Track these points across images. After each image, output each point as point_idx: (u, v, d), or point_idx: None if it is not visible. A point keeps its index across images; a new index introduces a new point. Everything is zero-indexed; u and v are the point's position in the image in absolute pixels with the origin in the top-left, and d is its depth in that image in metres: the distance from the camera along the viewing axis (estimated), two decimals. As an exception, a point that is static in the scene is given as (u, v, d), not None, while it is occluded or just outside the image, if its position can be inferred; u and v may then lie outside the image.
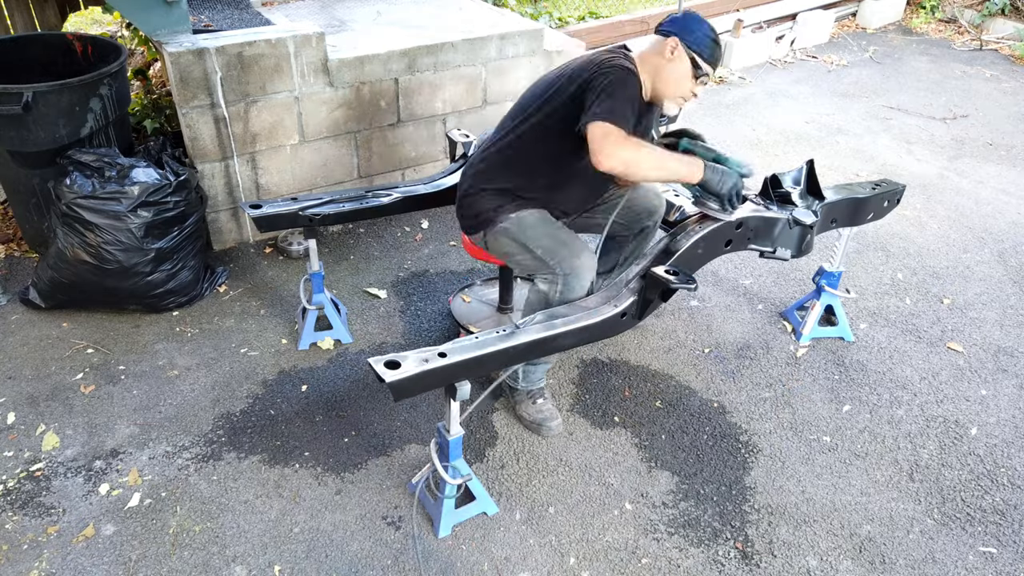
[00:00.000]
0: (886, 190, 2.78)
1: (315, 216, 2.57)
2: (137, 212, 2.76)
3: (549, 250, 2.29)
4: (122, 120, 3.13)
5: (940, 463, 2.49)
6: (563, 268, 2.26)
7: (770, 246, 2.48)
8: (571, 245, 2.29)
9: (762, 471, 2.43)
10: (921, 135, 4.91)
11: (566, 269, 2.25)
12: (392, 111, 3.55)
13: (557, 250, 2.28)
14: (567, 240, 2.30)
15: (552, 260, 2.28)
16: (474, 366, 1.90)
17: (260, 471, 2.34)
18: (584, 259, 2.27)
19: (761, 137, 4.79)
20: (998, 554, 2.19)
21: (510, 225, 2.33)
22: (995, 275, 3.49)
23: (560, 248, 2.28)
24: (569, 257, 2.26)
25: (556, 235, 2.31)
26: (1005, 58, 6.41)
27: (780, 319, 3.13)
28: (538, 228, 2.32)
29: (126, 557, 2.07)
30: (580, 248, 2.29)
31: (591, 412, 2.63)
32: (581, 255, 2.27)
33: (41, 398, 2.57)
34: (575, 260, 2.25)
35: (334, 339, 2.88)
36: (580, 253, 2.27)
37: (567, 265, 2.25)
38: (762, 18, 6.18)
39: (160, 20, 3.02)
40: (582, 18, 5.67)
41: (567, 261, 2.26)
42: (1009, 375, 2.88)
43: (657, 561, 2.13)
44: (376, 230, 3.62)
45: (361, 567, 2.07)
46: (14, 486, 2.26)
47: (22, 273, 3.18)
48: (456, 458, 2.12)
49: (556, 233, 2.32)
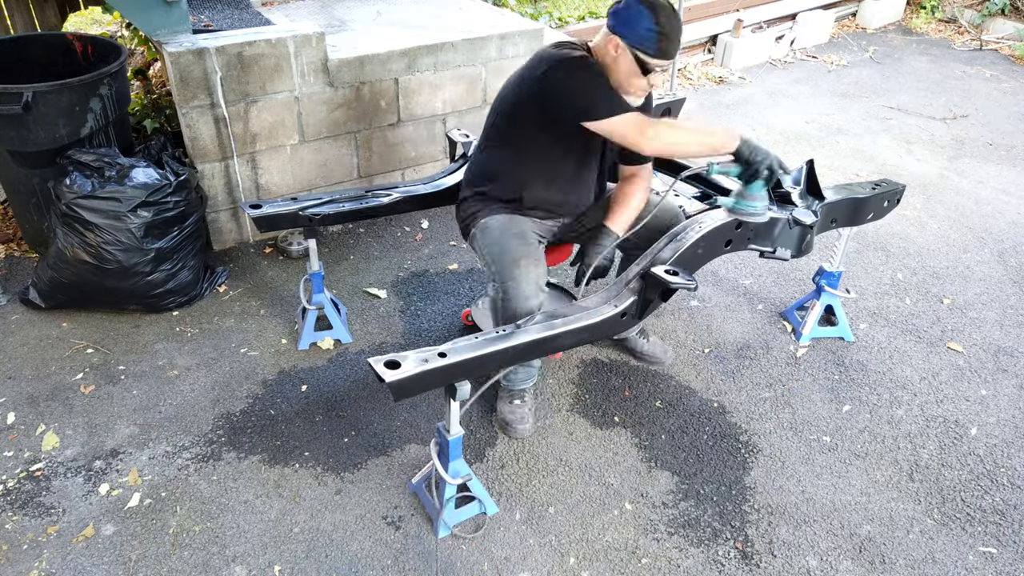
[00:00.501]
0: (886, 190, 2.78)
1: (315, 216, 2.57)
2: (137, 212, 2.76)
3: (494, 257, 2.30)
4: (122, 120, 3.13)
5: (940, 463, 2.49)
6: (501, 276, 2.26)
7: (770, 246, 2.48)
8: (515, 254, 2.26)
9: (762, 471, 2.43)
10: (921, 135, 4.91)
11: (504, 278, 2.25)
12: (392, 111, 3.55)
13: (500, 258, 2.28)
14: (513, 250, 2.27)
15: (494, 267, 2.29)
16: (474, 366, 1.90)
17: (260, 471, 2.34)
18: (523, 270, 2.23)
19: (761, 137, 4.79)
20: (998, 554, 2.19)
21: (477, 231, 2.39)
22: (995, 275, 3.49)
23: (502, 256, 2.27)
24: (509, 266, 2.24)
25: (505, 244, 2.29)
26: (1005, 58, 6.41)
27: (780, 319, 3.13)
28: (493, 235, 2.33)
29: (126, 557, 2.07)
30: (524, 259, 2.25)
31: (591, 412, 2.63)
32: (521, 266, 2.23)
33: (41, 398, 2.57)
34: (514, 270, 2.23)
35: (334, 339, 2.88)
36: (520, 263, 2.23)
37: (506, 273, 2.24)
38: (762, 18, 6.18)
39: (160, 20, 3.02)
40: (582, 18, 5.67)
41: (506, 270, 2.24)
42: (1009, 375, 2.88)
43: (657, 561, 2.13)
44: (376, 230, 3.62)
45: (361, 567, 2.08)
46: (14, 486, 2.26)
47: (22, 273, 3.18)
48: (456, 458, 2.12)
49: (506, 242, 2.30)
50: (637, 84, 2.18)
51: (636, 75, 2.15)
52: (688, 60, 5.87)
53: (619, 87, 2.21)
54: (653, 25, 2.06)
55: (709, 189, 2.95)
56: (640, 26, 2.07)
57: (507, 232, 2.33)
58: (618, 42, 2.12)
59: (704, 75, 5.76)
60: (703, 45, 6.06)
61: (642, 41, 2.09)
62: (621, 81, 2.19)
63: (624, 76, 2.17)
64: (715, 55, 6.02)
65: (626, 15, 2.09)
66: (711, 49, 6.07)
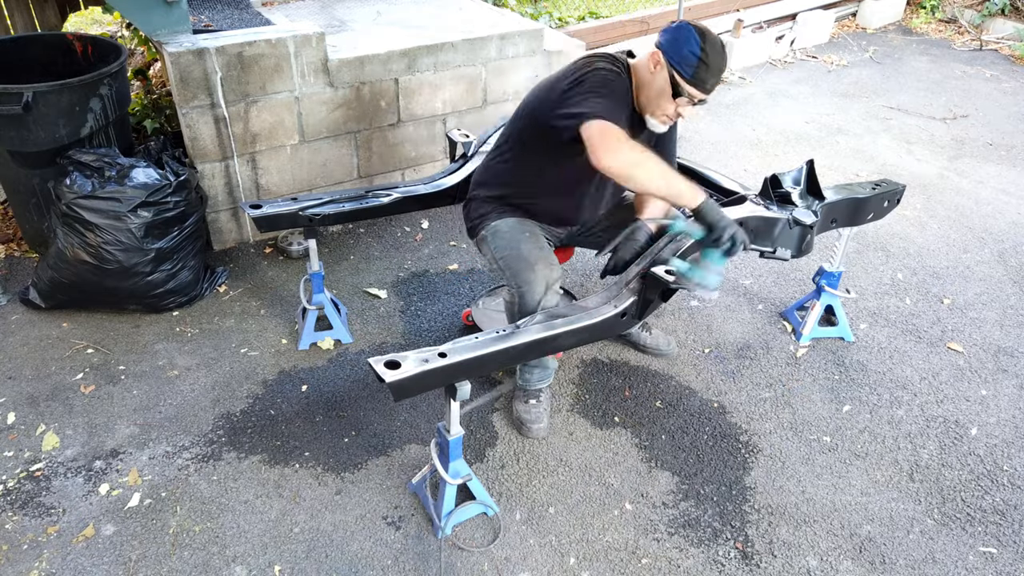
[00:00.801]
0: (886, 190, 2.78)
1: (315, 216, 2.57)
2: (137, 212, 2.76)
3: (507, 262, 2.31)
4: (122, 120, 3.13)
5: (940, 463, 2.49)
6: (516, 281, 2.27)
7: (770, 246, 2.48)
8: (529, 258, 2.27)
9: (762, 471, 2.43)
10: (921, 135, 4.91)
11: (519, 282, 2.26)
12: (392, 111, 3.55)
13: (513, 263, 2.29)
14: (527, 254, 2.28)
15: (509, 272, 2.30)
16: (474, 366, 1.90)
17: (260, 471, 2.34)
18: (538, 273, 2.24)
19: (761, 137, 4.79)
20: (998, 554, 2.19)
21: (487, 234, 2.39)
22: (995, 275, 3.49)
23: (516, 261, 2.28)
24: (523, 271, 2.25)
25: (518, 247, 2.30)
26: (1005, 58, 6.41)
27: (780, 319, 3.13)
28: (505, 238, 2.34)
29: (126, 557, 2.07)
30: (538, 263, 2.26)
31: (591, 412, 2.63)
32: (536, 270, 2.24)
33: (41, 398, 2.57)
34: (529, 274, 2.24)
35: (334, 339, 2.88)
36: (535, 268, 2.25)
37: (521, 279, 2.26)
38: (762, 18, 6.18)
39: (160, 20, 3.02)
40: (582, 18, 5.67)
41: (521, 275, 2.26)
42: (1009, 375, 2.88)
43: (657, 561, 2.13)
44: (376, 230, 3.62)
45: (361, 567, 2.07)
46: (14, 486, 2.26)
47: (22, 273, 3.18)
48: (456, 458, 2.12)
49: (519, 245, 2.31)
50: (665, 106, 2.15)
51: (667, 96, 2.13)
52: (688, 60, 5.86)
53: (647, 107, 2.19)
54: (698, 50, 2.06)
55: (709, 189, 2.96)
56: (685, 47, 2.07)
57: (520, 235, 2.34)
58: (660, 58, 2.11)
59: (704, 75, 5.75)
60: (703, 45, 6.05)
61: (682, 62, 2.07)
62: (651, 99, 2.17)
63: (655, 94, 2.15)
64: (715, 55, 6.01)
65: (676, 34, 2.10)
66: (711, 49, 6.06)
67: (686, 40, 2.07)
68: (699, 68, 2.07)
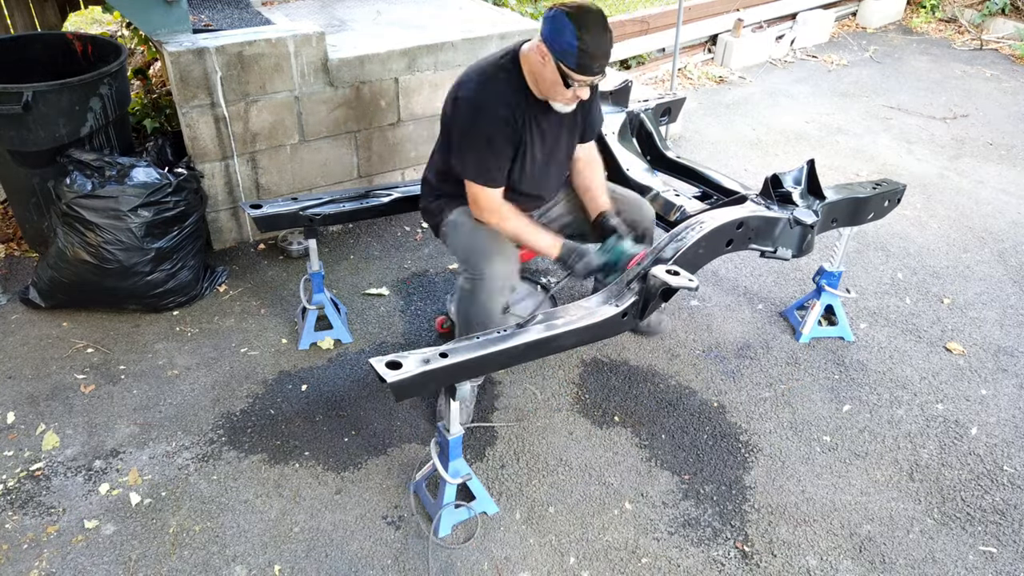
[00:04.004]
0: (886, 190, 2.78)
1: (315, 216, 2.57)
2: (137, 212, 2.76)
3: (465, 251, 2.34)
4: (122, 120, 3.13)
5: (940, 463, 2.49)
6: (473, 272, 2.29)
7: (771, 246, 2.48)
8: (486, 250, 2.28)
9: (762, 471, 2.43)
10: (921, 135, 4.91)
11: (475, 273, 2.28)
12: (392, 111, 3.54)
13: (470, 254, 2.32)
14: (483, 245, 2.30)
15: (466, 264, 2.32)
16: (475, 366, 1.90)
17: (260, 471, 2.34)
18: (495, 266, 2.26)
19: (761, 137, 4.79)
20: (998, 554, 2.20)
21: (447, 229, 2.44)
22: (995, 275, 3.49)
23: (473, 253, 2.30)
24: (480, 262, 2.27)
25: (474, 238, 2.33)
26: (1005, 58, 6.41)
27: (780, 319, 3.13)
28: (463, 229, 2.37)
29: (126, 557, 2.07)
30: (495, 255, 2.27)
31: (591, 412, 2.63)
32: (493, 262, 2.26)
33: (41, 398, 2.57)
34: (485, 266, 2.26)
35: (334, 339, 2.88)
36: (492, 259, 2.26)
37: (477, 269, 2.28)
38: (762, 18, 6.19)
39: (160, 20, 3.02)
40: (582, 18, 5.66)
41: (478, 266, 2.28)
42: (1009, 375, 2.88)
43: (657, 561, 2.13)
44: (376, 230, 3.62)
45: (361, 567, 2.08)
46: (14, 486, 2.26)
47: (22, 273, 3.18)
48: (456, 458, 2.12)
49: (475, 236, 2.33)
50: (562, 94, 2.16)
51: (560, 85, 2.11)
52: (688, 60, 5.87)
53: (547, 94, 2.20)
54: (575, 40, 2.01)
55: (710, 189, 2.96)
56: (563, 39, 2.03)
57: (477, 226, 2.35)
58: (545, 50, 2.09)
59: (704, 75, 5.76)
60: (703, 45, 6.06)
61: (564, 54, 2.04)
62: (548, 88, 2.17)
63: (549, 84, 2.16)
64: (715, 55, 6.03)
65: (553, 25, 2.05)
66: (711, 49, 6.07)
67: (561, 30, 2.03)
68: (580, 56, 2.03)
